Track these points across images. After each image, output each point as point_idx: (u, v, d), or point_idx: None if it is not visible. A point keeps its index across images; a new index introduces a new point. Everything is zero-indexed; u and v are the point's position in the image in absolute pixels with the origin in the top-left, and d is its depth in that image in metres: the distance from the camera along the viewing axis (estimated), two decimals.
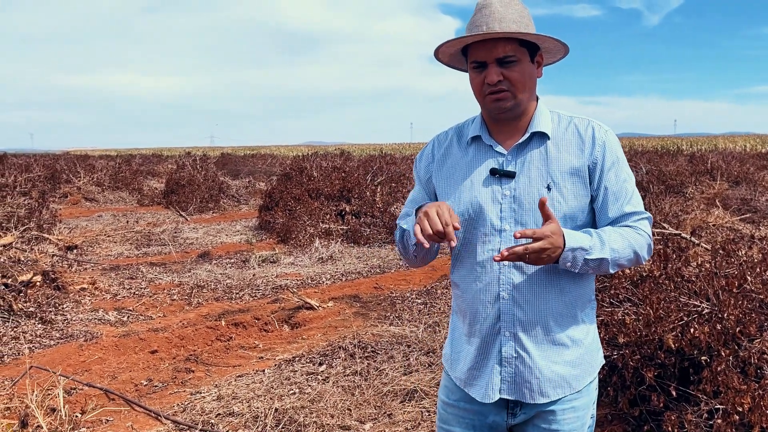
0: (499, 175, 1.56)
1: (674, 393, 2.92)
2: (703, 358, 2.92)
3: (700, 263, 3.76)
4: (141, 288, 6.78)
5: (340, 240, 9.24)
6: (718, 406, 2.70)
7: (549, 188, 1.53)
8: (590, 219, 1.59)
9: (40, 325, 5.32)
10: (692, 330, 2.92)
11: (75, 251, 8.70)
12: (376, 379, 3.99)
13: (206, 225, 11.68)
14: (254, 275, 7.37)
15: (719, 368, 2.74)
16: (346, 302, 6.05)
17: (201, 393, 3.95)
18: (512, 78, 1.51)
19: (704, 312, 3.07)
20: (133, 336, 5.08)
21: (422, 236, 1.40)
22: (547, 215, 1.42)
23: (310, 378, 4.09)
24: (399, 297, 6.19)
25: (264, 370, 4.28)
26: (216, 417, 3.58)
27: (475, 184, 1.59)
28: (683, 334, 2.97)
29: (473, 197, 1.58)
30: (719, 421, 2.61)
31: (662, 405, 2.92)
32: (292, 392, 3.86)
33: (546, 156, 1.56)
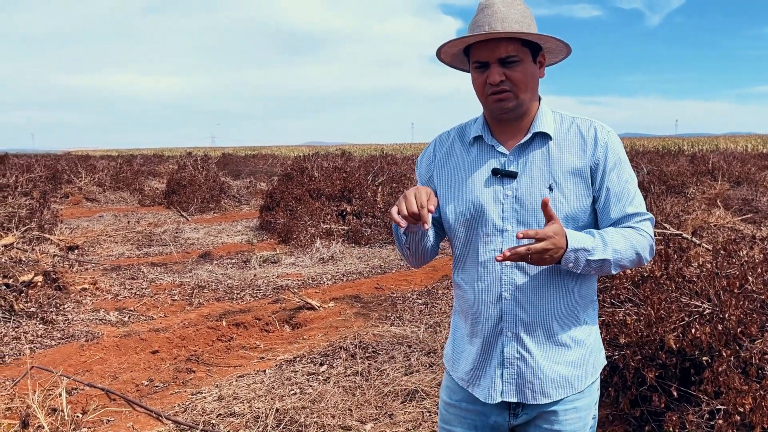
0: (501, 176, 1.56)
1: (675, 393, 2.92)
2: (705, 359, 2.92)
3: (702, 263, 3.76)
4: (142, 288, 6.79)
5: (341, 240, 9.24)
6: (720, 407, 2.69)
7: (551, 189, 1.53)
8: (592, 220, 1.59)
9: (42, 326, 5.32)
10: (693, 330, 2.92)
11: (76, 251, 8.71)
12: (377, 380, 3.99)
13: (207, 225, 11.69)
14: (255, 275, 7.37)
15: (720, 369, 2.74)
16: (347, 302, 6.05)
17: (202, 393, 3.96)
18: (514, 78, 1.51)
19: (705, 312, 3.06)
20: (134, 336, 5.08)
21: (398, 216, 1.44)
22: (550, 216, 1.42)
23: (311, 378, 4.09)
24: (400, 297, 6.19)
25: (265, 371, 4.28)
26: (217, 417, 3.58)
27: (477, 184, 1.59)
28: (684, 335, 2.97)
29: (475, 197, 1.58)
30: (720, 422, 2.61)
31: (663, 405, 2.92)
32: (293, 392, 3.86)
33: (548, 156, 1.56)
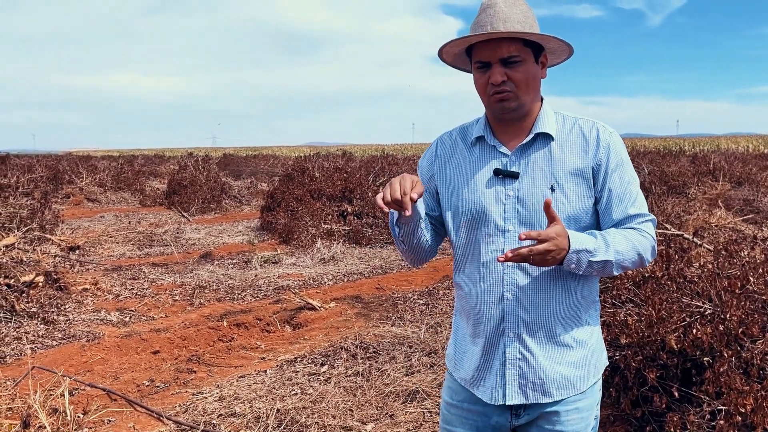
0: (503, 176, 1.56)
1: (676, 394, 2.92)
2: (706, 359, 2.92)
3: (703, 264, 3.76)
4: (143, 288, 6.79)
5: (342, 241, 9.24)
6: (721, 407, 2.69)
7: (552, 189, 1.53)
8: (594, 220, 1.59)
9: (43, 326, 5.32)
10: (694, 331, 2.92)
11: (77, 252, 8.72)
12: (378, 380, 3.99)
13: (208, 225, 11.69)
14: (256, 276, 7.37)
15: (722, 369, 2.74)
16: (348, 303, 6.05)
17: (203, 393, 3.96)
18: (516, 78, 1.51)
19: (706, 313, 3.06)
20: (135, 336, 5.09)
21: (381, 202, 1.46)
22: (552, 217, 1.42)
23: (312, 378, 4.09)
24: (401, 298, 6.19)
25: (266, 371, 4.28)
26: (218, 417, 3.58)
27: (479, 185, 1.59)
28: (685, 335, 2.97)
29: (477, 197, 1.58)
30: (722, 422, 2.60)
31: (664, 406, 2.92)
32: (294, 393, 3.86)
33: (550, 157, 1.56)
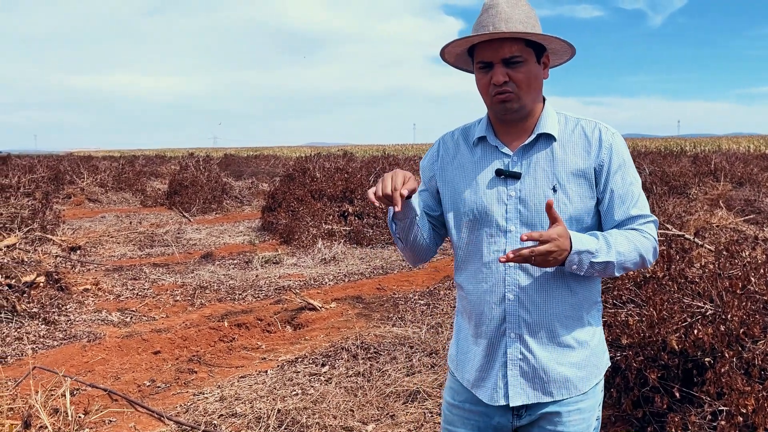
0: (505, 176, 1.56)
1: (678, 394, 2.92)
2: (707, 360, 2.92)
3: (704, 264, 3.75)
4: (144, 289, 6.79)
5: (343, 241, 9.24)
6: (722, 408, 2.69)
7: (554, 190, 1.53)
8: (596, 221, 1.59)
9: (44, 326, 5.33)
10: (696, 331, 2.92)
11: (78, 252, 8.72)
12: (379, 380, 3.99)
13: (209, 226, 11.69)
14: (257, 276, 7.37)
15: (723, 370, 2.74)
16: (349, 303, 6.05)
17: (204, 394, 3.96)
18: (518, 79, 1.51)
19: (708, 313, 3.06)
20: (136, 337, 5.09)
21: (372, 196, 1.49)
22: (554, 218, 1.42)
23: (313, 379, 4.09)
24: (402, 298, 6.19)
25: (267, 371, 4.28)
26: (219, 418, 3.58)
27: (481, 185, 1.59)
28: (687, 336, 2.97)
29: (479, 198, 1.58)
30: (723, 423, 2.60)
31: (666, 406, 2.91)
32: (295, 393, 3.86)
33: (552, 157, 1.56)
